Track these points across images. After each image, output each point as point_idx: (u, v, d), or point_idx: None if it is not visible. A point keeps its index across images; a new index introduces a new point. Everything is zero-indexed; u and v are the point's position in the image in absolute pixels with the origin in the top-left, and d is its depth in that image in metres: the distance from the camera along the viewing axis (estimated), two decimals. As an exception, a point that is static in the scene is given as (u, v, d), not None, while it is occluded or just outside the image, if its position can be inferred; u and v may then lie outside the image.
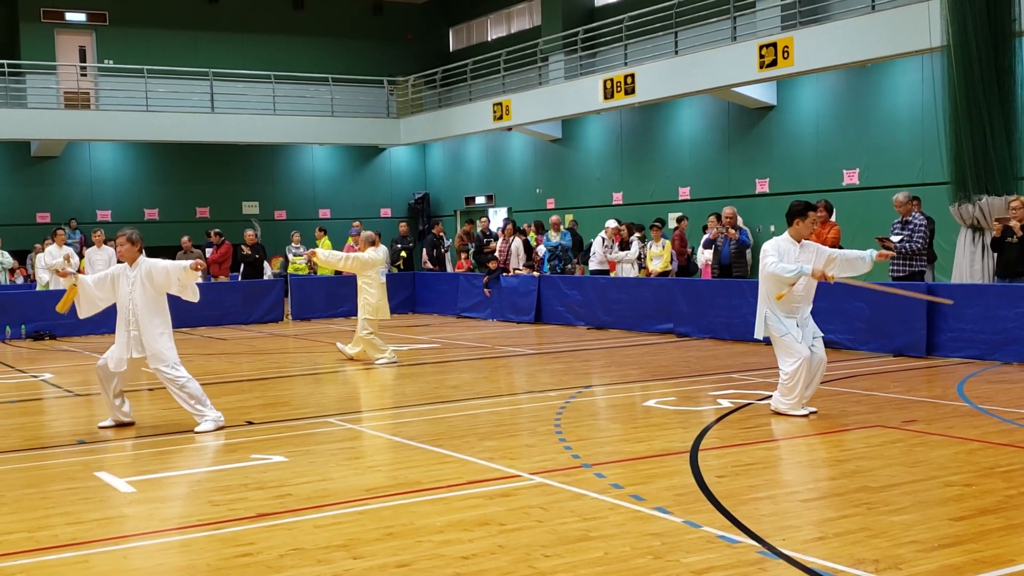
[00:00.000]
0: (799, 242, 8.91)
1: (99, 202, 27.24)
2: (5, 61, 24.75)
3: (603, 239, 19.10)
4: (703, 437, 8.02)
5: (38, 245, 22.16)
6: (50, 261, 19.26)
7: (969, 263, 13.77)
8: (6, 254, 21.67)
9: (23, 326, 18.08)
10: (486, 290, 19.78)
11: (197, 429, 8.71)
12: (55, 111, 25.30)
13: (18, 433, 9.17)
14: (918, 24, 15.35)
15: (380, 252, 14.12)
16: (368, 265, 13.73)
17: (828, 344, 13.57)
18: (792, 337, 8.71)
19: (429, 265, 22.91)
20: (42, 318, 17.86)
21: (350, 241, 21.96)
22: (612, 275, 18.55)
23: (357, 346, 13.89)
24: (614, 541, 5.35)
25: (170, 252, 22.22)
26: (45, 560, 5.31)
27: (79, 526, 5.93)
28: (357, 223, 24.05)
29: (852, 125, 19.10)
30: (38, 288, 19.99)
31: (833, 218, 14.90)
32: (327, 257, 14.15)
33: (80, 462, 7.80)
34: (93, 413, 9.82)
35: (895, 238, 13.39)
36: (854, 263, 8.86)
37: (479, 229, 22.04)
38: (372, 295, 13.69)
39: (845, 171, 19.14)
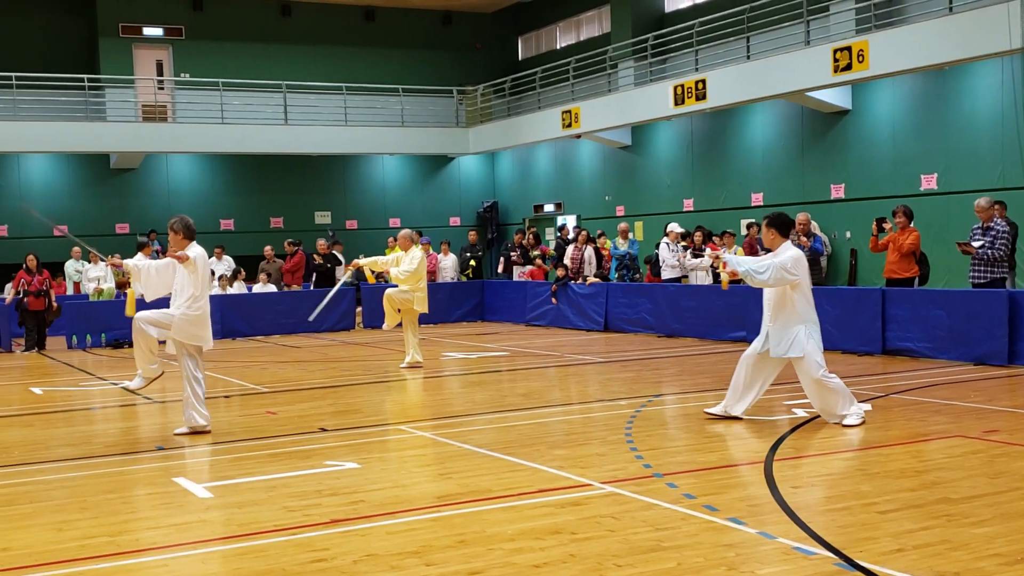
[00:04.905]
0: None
1: (176, 213, 27.64)
2: (85, 75, 25.36)
3: (667, 244, 18.91)
4: (778, 447, 7.92)
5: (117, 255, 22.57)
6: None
7: (1052, 269, 13.42)
8: (84, 263, 22.10)
9: (103, 334, 18.51)
10: (554, 299, 19.78)
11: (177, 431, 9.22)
12: (133, 124, 25.85)
13: (99, 439, 9.38)
14: (997, 26, 15.01)
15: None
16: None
17: (907, 352, 13.40)
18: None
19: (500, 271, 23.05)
20: (121, 326, 18.23)
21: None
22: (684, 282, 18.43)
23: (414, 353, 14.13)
24: (687, 552, 5.30)
25: (247, 261, 22.63)
26: (126, 564, 5.42)
27: (159, 531, 6.05)
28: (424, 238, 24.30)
29: (930, 129, 18.74)
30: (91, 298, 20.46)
31: (912, 224, 14.59)
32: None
33: (159, 468, 7.95)
34: (171, 420, 9.99)
35: (976, 244, 13.10)
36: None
37: (559, 235, 22.11)
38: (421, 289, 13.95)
39: (923, 176, 18.78)
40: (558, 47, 30.06)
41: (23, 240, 25.06)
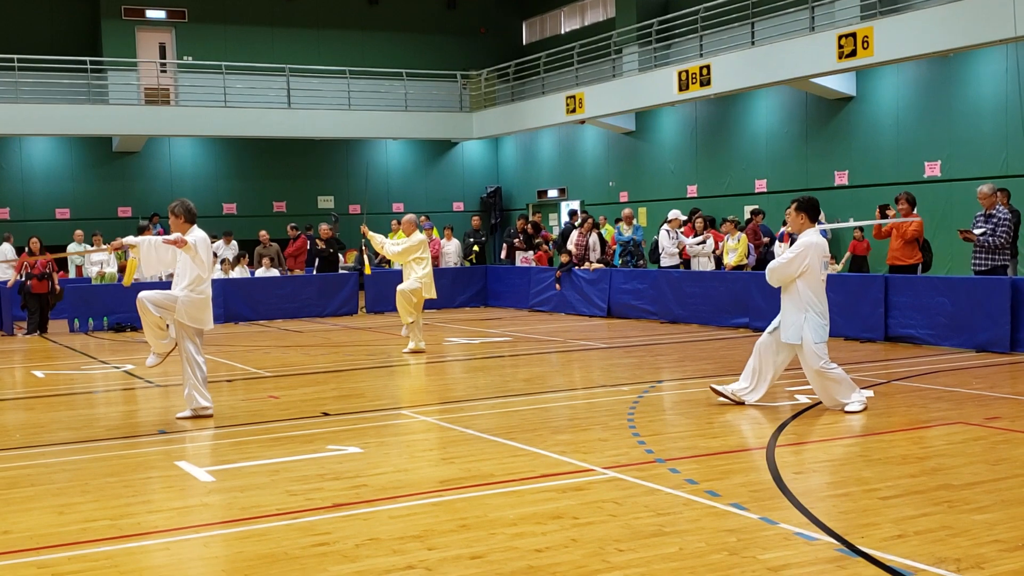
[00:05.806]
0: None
1: (178, 197, 27.63)
2: (87, 58, 25.32)
3: (667, 232, 18.86)
4: (780, 433, 7.92)
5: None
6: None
7: (1055, 257, 13.40)
8: (86, 246, 22.03)
9: (105, 318, 18.51)
10: (557, 284, 19.77)
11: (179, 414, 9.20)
12: (136, 107, 25.82)
13: (101, 423, 9.39)
14: (1002, 13, 14.96)
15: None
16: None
17: (910, 339, 13.39)
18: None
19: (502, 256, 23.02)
20: (123, 310, 18.23)
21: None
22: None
23: (417, 338, 14.10)
24: (689, 537, 5.31)
25: (250, 246, 22.61)
26: (128, 547, 5.43)
27: (160, 514, 6.06)
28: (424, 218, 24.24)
29: (934, 116, 18.70)
30: (93, 281, 20.49)
31: (915, 211, 14.57)
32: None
33: (161, 451, 7.97)
34: (173, 404, 10.01)
35: (978, 231, 13.07)
36: None
37: (567, 220, 22.10)
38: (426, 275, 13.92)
39: (926, 163, 18.75)
40: (562, 32, 29.99)
41: (25, 223, 25.08)
